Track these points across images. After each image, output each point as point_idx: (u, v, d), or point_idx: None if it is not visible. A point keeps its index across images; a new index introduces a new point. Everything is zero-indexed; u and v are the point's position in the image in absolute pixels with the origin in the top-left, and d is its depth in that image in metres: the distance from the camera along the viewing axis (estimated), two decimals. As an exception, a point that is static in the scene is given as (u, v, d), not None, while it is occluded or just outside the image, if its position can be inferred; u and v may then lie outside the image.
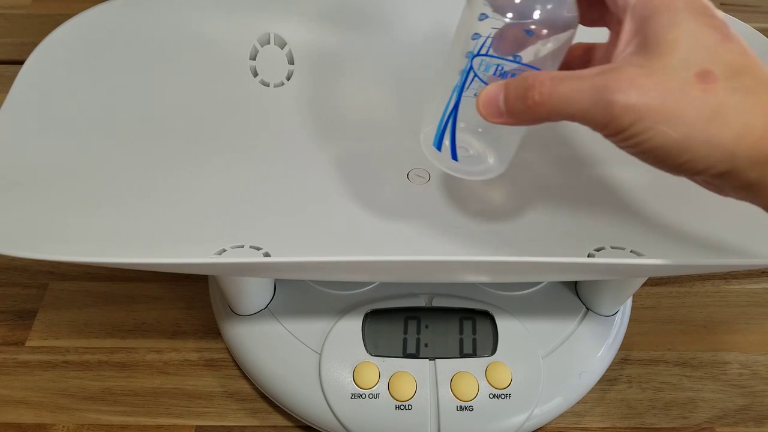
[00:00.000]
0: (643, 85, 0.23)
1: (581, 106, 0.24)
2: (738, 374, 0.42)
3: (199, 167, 0.39)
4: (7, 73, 0.59)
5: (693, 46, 0.23)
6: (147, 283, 0.45)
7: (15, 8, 0.66)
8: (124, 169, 0.37)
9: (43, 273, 0.46)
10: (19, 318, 0.43)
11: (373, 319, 0.38)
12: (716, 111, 0.23)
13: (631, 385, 0.41)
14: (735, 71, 0.23)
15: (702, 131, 0.23)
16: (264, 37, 0.44)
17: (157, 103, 0.41)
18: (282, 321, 0.38)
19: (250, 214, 0.38)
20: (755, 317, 0.45)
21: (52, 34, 0.39)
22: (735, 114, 0.22)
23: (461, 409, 0.35)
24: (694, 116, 0.23)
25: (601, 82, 0.24)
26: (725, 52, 0.23)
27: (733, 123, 0.22)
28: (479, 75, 0.27)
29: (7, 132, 0.35)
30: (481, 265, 0.31)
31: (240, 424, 0.39)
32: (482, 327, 0.38)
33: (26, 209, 0.32)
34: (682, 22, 0.24)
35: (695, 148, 0.23)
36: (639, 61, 0.24)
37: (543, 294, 0.40)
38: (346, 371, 0.36)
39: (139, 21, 0.41)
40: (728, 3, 0.67)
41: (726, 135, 0.22)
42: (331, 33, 0.44)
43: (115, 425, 0.39)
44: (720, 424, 0.39)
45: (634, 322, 0.42)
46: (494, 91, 0.26)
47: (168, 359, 0.42)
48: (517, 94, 0.25)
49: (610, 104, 0.23)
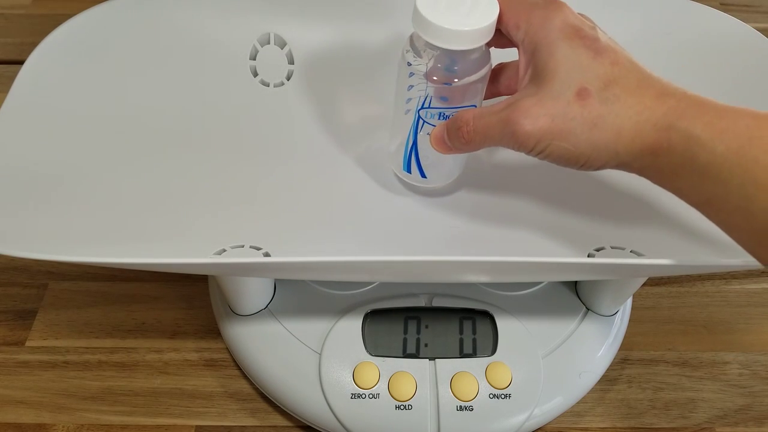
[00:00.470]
0: (536, 113, 0.29)
1: (496, 137, 0.30)
2: (738, 374, 0.42)
3: (199, 167, 0.39)
4: (7, 73, 0.59)
5: (569, 68, 0.28)
6: (147, 283, 0.45)
7: (15, 8, 0.66)
8: (124, 168, 0.37)
9: (43, 273, 0.46)
10: (19, 318, 0.43)
11: (373, 319, 0.38)
12: (594, 122, 0.28)
13: (631, 385, 0.41)
14: (605, 83, 0.28)
15: (587, 139, 0.28)
16: (264, 37, 0.44)
17: (157, 103, 0.41)
18: (282, 321, 0.38)
19: (250, 214, 0.38)
20: (755, 317, 0.45)
21: (52, 34, 0.39)
22: (609, 121, 0.28)
23: (461, 409, 0.35)
24: (578, 129, 0.28)
25: (506, 116, 0.29)
26: (597, 67, 0.28)
27: (609, 128, 0.28)
28: (427, 121, 0.35)
29: (7, 132, 0.35)
30: (481, 265, 0.31)
31: (240, 424, 0.39)
32: (482, 327, 0.38)
33: (26, 209, 0.32)
34: (557, 50, 0.29)
35: (587, 153, 0.28)
36: (532, 91, 0.29)
37: (543, 294, 0.40)
38: (346, 371, 0.36)
39: (139, 21, 0.41)
40: (728, 3, 0.67)
41: (606, 139, 0.28)
42: (331, 33, 0.44)
43: (115, 425, 0.39)
44: (720, 424, 0.39)
45: (634, 322, 0.42)
46: (439, 132, 0.34)
47: (168, 359, 0.42)
48: (453, 133, 0.32)
49: (514, 134, 0.29)
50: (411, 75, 0.33)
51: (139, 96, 0.40)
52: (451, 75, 0.32)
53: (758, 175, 0.24)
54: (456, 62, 0.32)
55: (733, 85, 0.40)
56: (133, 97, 0.40)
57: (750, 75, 0.40)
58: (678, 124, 0.26)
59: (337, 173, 0.41)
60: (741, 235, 0.26)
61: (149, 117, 0.40)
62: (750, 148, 0.24)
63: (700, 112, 0.26)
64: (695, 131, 0.26)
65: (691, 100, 0.27)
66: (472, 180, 0.41)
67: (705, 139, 0.25)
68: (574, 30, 0.29)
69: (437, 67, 0.32)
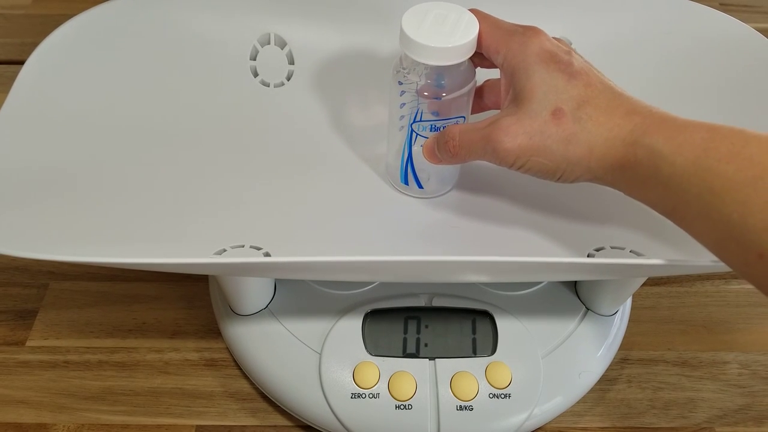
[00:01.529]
0: (515, 131, 0.31)
1: (479, 152, 0.33)
2: (737, 374, 0.42)
3: (199, 167, 0.39)
4: (7, 73, 0.59)
5: (546, 90, 0.31)
6: (147, 283, 0.45)
7: (15, 8, 0.66)
8: (124, 169, 0.37)
9: (43, 273, 0.46)
10: (20, 318, 0.43)
11: (373, 319, 0.38)
12: (568, 139, 0.30)
13: (630, 384, 0.41)
14: (579, 104, 0.30)
15: (562, 155, 0.30)
16: (264, 37, 0.44)
17: (157, 103, 0.41)
18: (282, 321, 0.38)
19: (249, 214, 0.38)
20: (755, 317, 0.45)
21: (52, 34, 0.39)
22: (582, 138, 0.30)
23: (461, 409, 0.35)
24: (554, 146, 0.30)
25: (487, 133, 0.32)
26: (571, 89, 0.30)
27: (582, 145, 0.30)
28: (420, 134, 0.37)
29: (7, 132, 0.35)
30: (481, 265, 0.31)
31: (240, 423, 0.39)
32: (482, 327, 0.38)
33: (26, 209, 0.32)
34: (534, 73, 0.31)
35: (562, 168, 0.31)
36: (512, 110, 0.32)
37: (543, 294, 0.40)
38: (346, 371, 0.36)
39: (139, 21, 0.41)
40: (728, 3, 0.67)
41: (579, 154, 0.30)
42: (331, 33, 0.44)
43: (115, 425, 0.39)
44: (719, 423, 0.40)
45: (633, 322, 0.42)
46: (430, 144, 0.36)
47: (168, 359, 0.42)
48: (441, 146, 0.34)
49: (495, 150, 0.31)
50: (402, 93, 0.36)
51: (139, 96, 0.40)
52: (440, 90, 0.35)
53: (713, 184, 0.25)
54: (443, 77, 0.34)
55: (733, 85, 0.40)
56: (133, 97, 0.40)
57: (750, 75, 0.40)
58: (642, 140, 0.28)
59: (337, 173, 0.41)
60: (706, 241, 0.27)
61: (149, 117, 0.40)
62: (705, 158, 0.26)
63: (662, 127, 0.28)
64: (657, 145, 0.28)
65: (655, 116, 0.29)
66: (472, 180, 0.41)
67: (666, 152, 0.27)
68: (550, 55, 0.31)
69: (427, 83, 0.35)
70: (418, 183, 0.39)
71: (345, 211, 0.39)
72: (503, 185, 0.40)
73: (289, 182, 0.40)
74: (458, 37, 0.32)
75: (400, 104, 0.36)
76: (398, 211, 0.39)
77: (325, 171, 0.41)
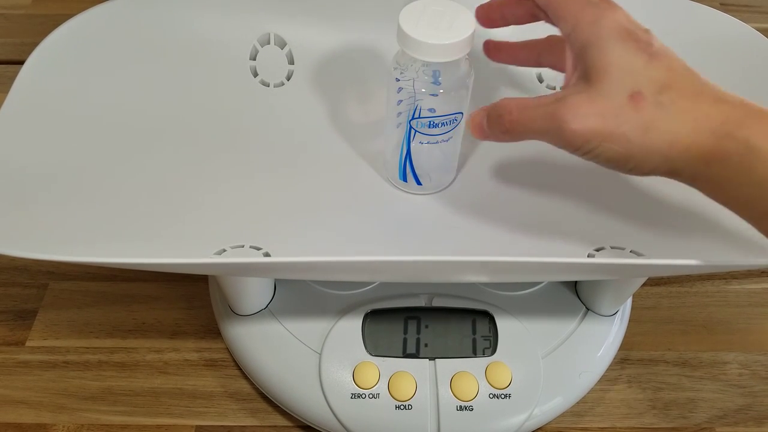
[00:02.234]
0: (586, 112, 0.27)
1: (539, 131, 0.29)
2: (738, 374, 0.42)
3: (199, 167, 0.39)
4: (7, 73, 0.59)
5: (622, 70, 0.27)
6: (147, 283, 0.45)
7: (15, 8, 0.66)
8: (124, 169, 0.37)
9: (43, 273, 0.46)
10: (20, 318, 0.43)
11: (373, 319, 0.38)
12: (648, 126, 0.27)
13: (630, 385, 0.41)
14: (660, 88, 0.27)
15: (639, 144, 0.27)
16: (264, 37, 0.44)
17: (157, 103, 0.41)
18: (282, 321, 0.38)
19: (249, 214, 0.38)
20: (755, 317, 0.45)
21: (52, 34, 0.39)
22: (664, 126, 0.26)
23: (461, 409, 0.35)
24: (631, 132, 0.27)
25: (553, 110, 0.28)
26: (652, 71, 0.27)
27: (663, 134, 0.27)
28: (419, 131, 0.36)
29: (7, 132, 0.35)
30: (481, 265, 0.31)
31: (240, 424, 0.39)
32: (482, 327, 0.38)
33: (26, 209, 0.32)
34: (610, 50, 0.27)
35: (637, 157, 0.27)
36: (582, 88, 0.28)
37: (543, 294, 0.40)
38: (346, 371, 0.36)
39: (139, 21, 0.41)
40: (728, 3, 0.67)
41: (660, 144, 0.27)
42: (331, 33, 0.44)
43: (115, 425, 0.39)
44: (720, 424, 0.39)
45: (634, 322, 0.42)
46: (479, 117, 0.32)
47: (168, 359, 0.42)
48: (493, 120, 0.31)
49: (561, 130, 0.28)
50: (400, 90, 0.35)
51: (138, 96, 0.40)
52: (438, 86, 0.35)
53: None
54: (440, 73, 0.34)
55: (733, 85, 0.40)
56: (133, 97, 0.40)
57: (750, 75, 0.40)
58: (737, 133, 0.25)
59: (337, 173, 0.41)
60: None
61: (149, 117, 0.40)
62: None
63: (761, 120, 0.25)
64: (754, 140, 0.25)
65: (749, 108, 0.26)
66: (472, 180, 0.41)
67: (765, 149, 0.25)
68: (627, 32, 0.28)
69: (424, 79, 0.35)
70: (417, 180, 0.39)
71: (345, 210, 0.39)
72: (503, 184, 0.40)
73: (289, 182, 0.40)
74: (455, 33, 0.32)
75: (398, 101, 0.36)
76: (398, 211, 0.40)
77: (325, 170, 0.41)
